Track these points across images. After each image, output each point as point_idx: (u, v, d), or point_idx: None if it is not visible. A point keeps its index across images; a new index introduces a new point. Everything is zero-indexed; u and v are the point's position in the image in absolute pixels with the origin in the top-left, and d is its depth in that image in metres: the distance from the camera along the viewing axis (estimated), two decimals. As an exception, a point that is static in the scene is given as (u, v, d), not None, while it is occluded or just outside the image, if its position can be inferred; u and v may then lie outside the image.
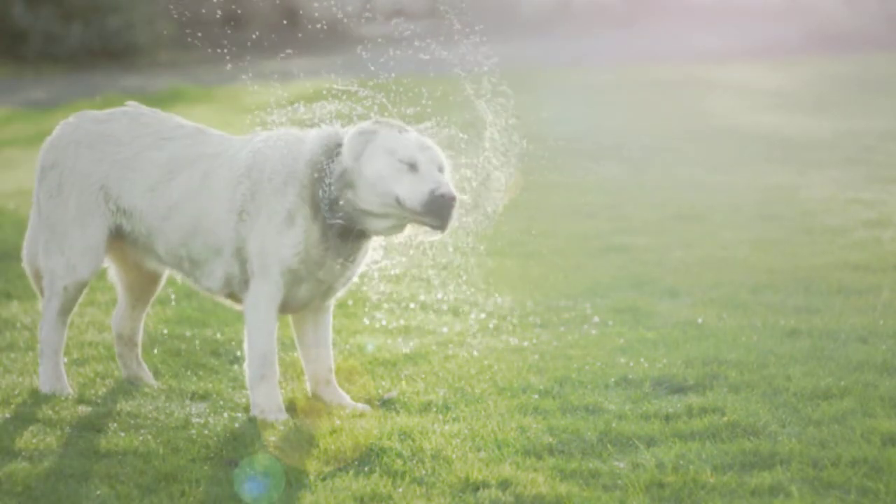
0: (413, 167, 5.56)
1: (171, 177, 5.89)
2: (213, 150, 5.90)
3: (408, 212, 5.55)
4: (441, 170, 5.63)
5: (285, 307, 5.86)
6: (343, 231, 5.69)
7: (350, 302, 7.76)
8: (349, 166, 5.60)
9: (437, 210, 5.52)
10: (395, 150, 5.59)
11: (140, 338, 6.40)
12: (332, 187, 5.62)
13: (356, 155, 5.60)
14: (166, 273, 6.30)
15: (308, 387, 6.05)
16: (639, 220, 10.77)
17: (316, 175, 5.66)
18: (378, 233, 5.73)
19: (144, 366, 6.42)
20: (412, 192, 5.52)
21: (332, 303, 6.03)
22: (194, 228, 5.85)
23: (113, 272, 6.32)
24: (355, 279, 5.97)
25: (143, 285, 6.34)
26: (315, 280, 5.77)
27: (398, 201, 5.53)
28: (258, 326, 5.76)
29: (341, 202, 5.62)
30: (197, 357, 6.79)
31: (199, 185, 5.84)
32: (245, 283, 5.80)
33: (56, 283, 6.07)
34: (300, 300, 5.84)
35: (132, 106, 6.15)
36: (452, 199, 5.52)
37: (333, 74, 6.10)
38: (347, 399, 5.97)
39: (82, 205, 6.00)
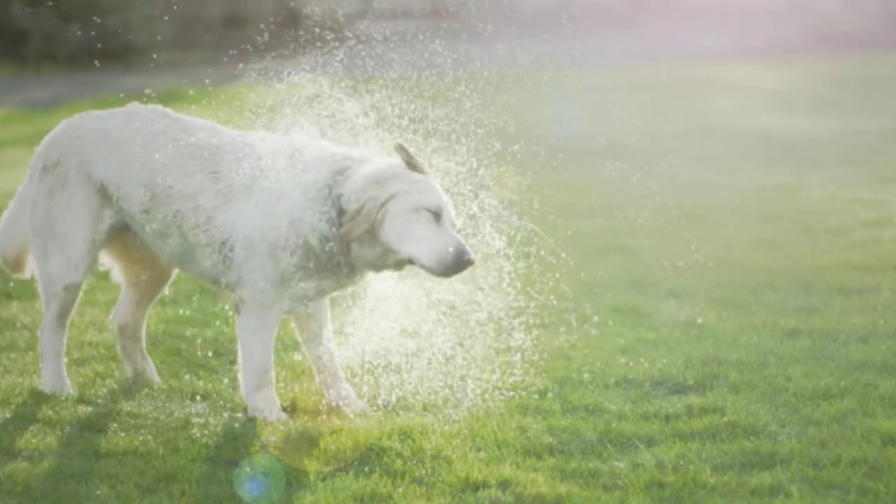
0: (438, 216, 5.48)
1: (166, 192, 5.84)
2: (193, 186, 5.84)
3: (421, 266, 5.49)
4: (454, 226, 5.56)
5: None
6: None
7: (349, 302, 7.76)
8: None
9: (450, 271, 5.44)
10: (415, 207, 5.47)
11: (143, 332, 6.39)
12: (334, 245, 5.60)
13: (372, 235, 5.52)
14: (176, 271, 6.28)
15: (316, 380, 6.04)
16: (639, 220, 10.77)
17: (318, 238, 5.61)
18: (374, 270, 5.71)
19: (149, 360, 6.42)
20: (430, 250, 5.44)
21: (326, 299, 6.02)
22: (186, 253, 5.87)
23: (118, 269, 6.29)
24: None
25: (150, 283, 6.32)
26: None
27: (410, 259, 5.48)
28: (255, 341, 5.74)
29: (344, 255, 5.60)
30: (197, 357, 6.79)
31: (178, 224, 5.82)
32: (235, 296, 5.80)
33: (56, 284, 6.04)
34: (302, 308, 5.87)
35: (134, 104, 6.13)
36: (470, 262, 5.45)
37: (336, 74, 6.10)
38: (352, 395, 5.96)
39: (87, 202, 5.97)
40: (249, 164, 5.72)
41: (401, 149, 5.57)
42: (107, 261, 6.27)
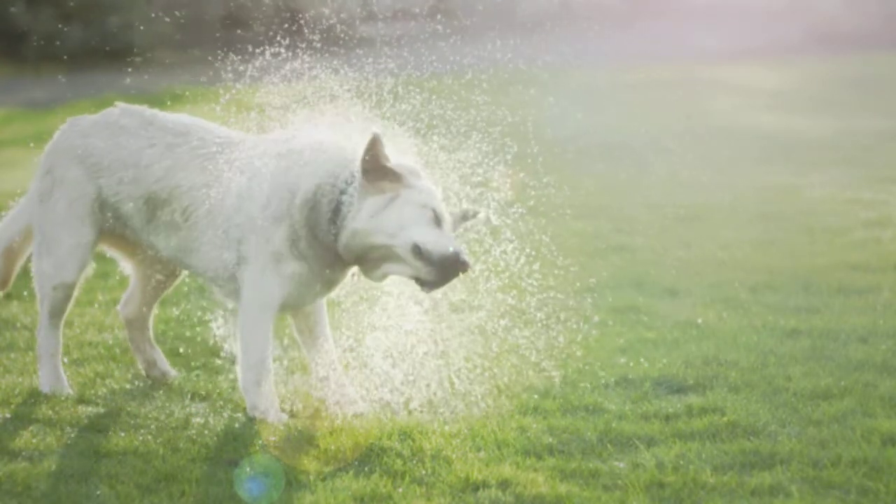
0: (439, 221, 5.49)
1: (169, 195, 5.88)
2: (205, 177, 5.86)
3: (418, 260, 5.47)
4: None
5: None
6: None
7: (348, 302, 7.76)
8: (363, 218, 5.54)
9: (448, 270, 5.44)
10: (425, 204, 5.49)
11: (151, 323, 6.43)
12: (331, 227, 5.60)
13: (375, 212, 5.52)
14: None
15: (313, 377, 6.04)
16: (639, 220, 10.77)
17: (313, 220, 5.62)
18: (360, 268, 5.69)
19: (158, 349, 6.45)
20: (435, 242, 5.43)
21: (323, 299, 6.02)
22: (189, 253, 5.90)
23: (129, 266, 6.35)
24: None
25: (159, 281, 6.37)
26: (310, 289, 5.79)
27: (414, 247, 5.45)
28: (254, 334, 5.74)
29: (336, 240, 5.60)
30: (197, 357, 6.79)
31: (186, 217, 5.86)
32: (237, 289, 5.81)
33: (45, 284, 6.10)
34: (297, 304, 5.86)
35: (120, 107, 6.14)
36: (467, 266, 5.45)
37: (335, 74, 6.10)
38: (352, 395, 5.96)
39: (72, 210, 6.03)
40: (251, 151, 5.77)
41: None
42: (116, 256, 6.33)
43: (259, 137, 5.91)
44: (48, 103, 19.93)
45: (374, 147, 5.45)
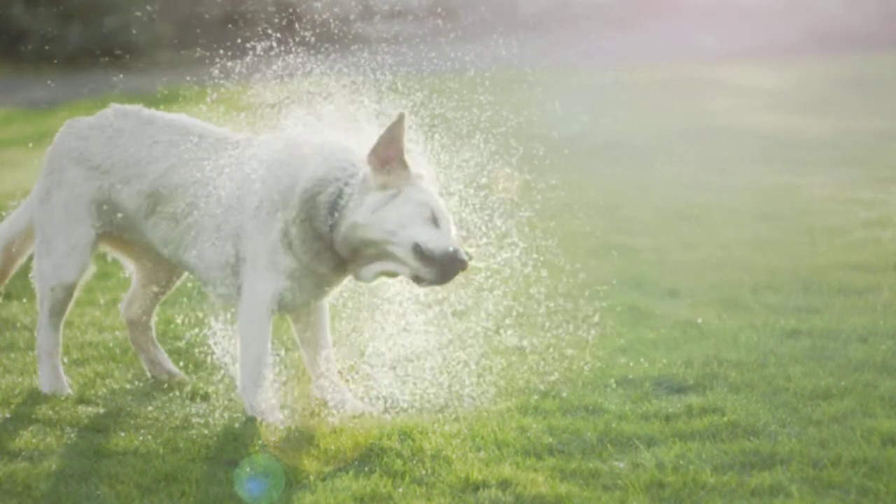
0: (436, 220, 5.49)
1: (165, 200, 5.90)
2: (204, 175, 5.87)
3: (419, 259, 5.45)
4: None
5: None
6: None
7: (349, 303, 7.76)
8: (362, 215, 5.53)
9: (448, 268, 5.43)
10: (425, 203, 5.50)
11: (153, 323, 6.44)
12: (328, 218, 5.59)
13: (376, 207, 5.52)
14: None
15: (312, 384, 6.05)
16: (639, 220, 10.77)
17: (310, 210, 5.61)
18: (356, 272, 5.67)
19: (161, 349, 6.46)
20: (436, 241, 5.42)
21: (325, 300, 6.01)
22: (185, 253, 5.90)
23: (132, 267, 6.36)
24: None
25: (161, 283, 6.38)
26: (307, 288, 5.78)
27: (415, 247, 5.43)
28: (252, 332, 5.74)
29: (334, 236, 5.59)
30: (197, 357, 6.79)
31: (186, 215, 5.87)
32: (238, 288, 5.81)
33: (44, 284, 6.13)
34: (294, 302, 5.85)
35: (114, 109, 6.15)
36: (466, 265, 5.45)
37: (332, 73, 6.11)
38: (349, 397, 5.96)
39: (71, 212, 6.05)
40: (250, 150, 5.78)
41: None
42: (118, 258, 6.35)
43: (258, 136, 5.92)
44: (48, 103, 19.93)
45: (397, 127, 5.46)
